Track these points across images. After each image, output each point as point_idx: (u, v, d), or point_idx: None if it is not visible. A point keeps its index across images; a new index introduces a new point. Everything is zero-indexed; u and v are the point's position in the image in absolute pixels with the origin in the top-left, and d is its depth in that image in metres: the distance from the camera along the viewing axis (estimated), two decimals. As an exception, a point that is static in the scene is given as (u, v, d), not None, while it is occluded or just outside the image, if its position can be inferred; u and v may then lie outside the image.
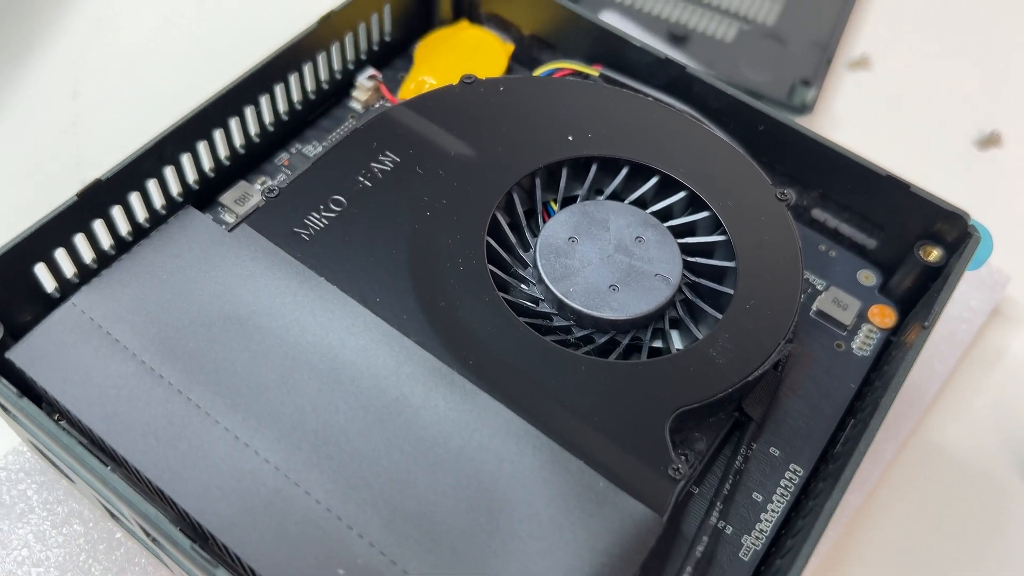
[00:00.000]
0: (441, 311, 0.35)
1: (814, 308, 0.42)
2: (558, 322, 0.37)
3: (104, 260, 0.39)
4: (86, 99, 0.55)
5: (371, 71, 0.48)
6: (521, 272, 0.39)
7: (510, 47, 0.50)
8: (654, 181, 0.40)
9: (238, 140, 0.43)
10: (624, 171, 0.41)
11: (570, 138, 0.41)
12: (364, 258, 0.36)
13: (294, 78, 0.45)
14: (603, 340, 0.37)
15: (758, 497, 0.37)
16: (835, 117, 0.60)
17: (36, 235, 0.36)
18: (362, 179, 0.38)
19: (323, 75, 0.46)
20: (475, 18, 0.51)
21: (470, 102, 0.42)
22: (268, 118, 0.44)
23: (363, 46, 0.48)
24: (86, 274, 0.39)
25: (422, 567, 0.29)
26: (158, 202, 0.41)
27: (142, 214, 0.40)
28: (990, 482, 0.45)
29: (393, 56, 0.50)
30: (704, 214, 0.40)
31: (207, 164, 0.42)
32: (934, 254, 0.41)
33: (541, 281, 0.37)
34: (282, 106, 0.45)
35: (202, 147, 0.42)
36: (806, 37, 0.61)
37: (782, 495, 0.37)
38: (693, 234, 0.40)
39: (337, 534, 0.30)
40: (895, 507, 0.43)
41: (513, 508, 0.31)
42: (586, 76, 0.46)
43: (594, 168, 0.41)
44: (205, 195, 0.43)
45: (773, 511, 0.37)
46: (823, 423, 0.39)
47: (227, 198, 0.43)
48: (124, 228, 0.40)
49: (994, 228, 0.46)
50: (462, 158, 0.39)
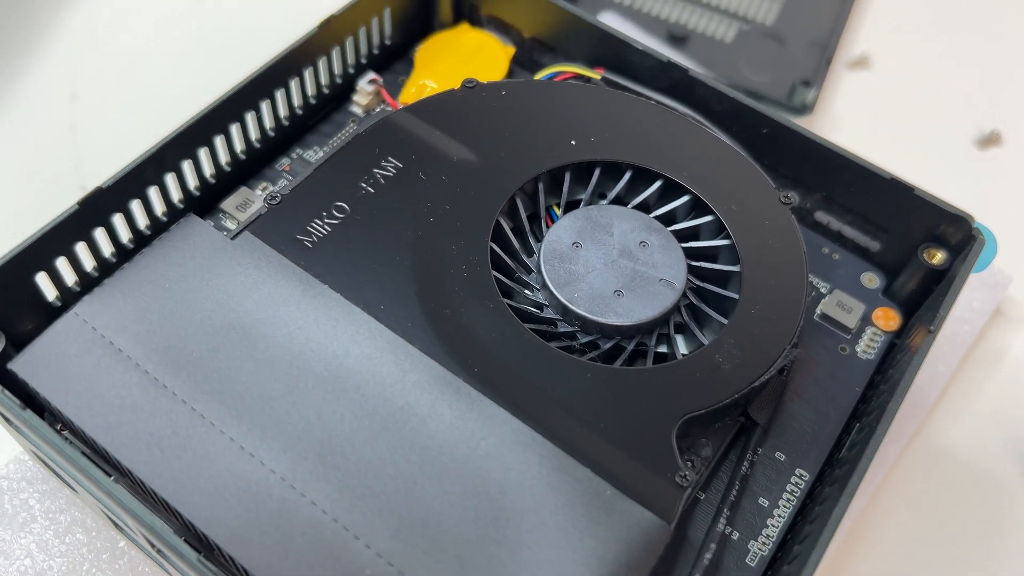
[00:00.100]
0: (446, 318, 0.35)
1: (818, 311, 0.42)
2: (562, 328, 0.37)
3: (106, 268, 0.39)
4: (84, 102, 0.55)
5: (372, 75, 0.48)
6: (525, 278, 0.38)
7: (511, 50, 0.50)
8: (657, 185, 0.40)
9: (239, 145, 0.43)
10: (627, 175, 0.40)
11: (573, 142, 0.40)
12: (368, 265, 0.36)
13: (295, 83, 0.44)
14: (608, 346, 0.36)
15: (764, 502, 0.37)
16: (835, 117, 0.60)
17: (37, 244, 0.36)
18: (365, 185, 0.38)
19: (324, 79, 0.46)
20: (475, 21, 0.51)
21: (472, 106, 0.41)
22: (269, 123, 0.44)
23: (363, 50, 0.48)
24: (87, 282, 0.38)
25: (430, 577, 0.29)
26: (159, 209, 0.41)
27: (143, 221, 0.40)
28: (993, 483, 0.45)
29: (393, 60, 0.50)
30: (708, 218, 0.39)
31: (208, 170, 0.42)
32: (938, 257, 0.41)
33: (545, 287, 0.37)
34: (283, 111, 0.45)
35: (203, 153, 0.41)
36: (805, 37, 0.61)
37: (788, 500, 0.37)
38: (697, 238, 0.40)
39: (344, 544, 0.30)
40: (898, 509, 0.43)
41: (520, 517, 0.31)
42: (588, 80, 0.46)
43: (597, 172, 0.40)
44: (206, 201, 0.43)
45: (779, 516, 0.36)
46: (828, 427, 0.39)
47: (228, 204, 0.43)
48: (125, 236, 0.40)
49: (994, 227, 0.46)
50: (465, 163, 0.39)
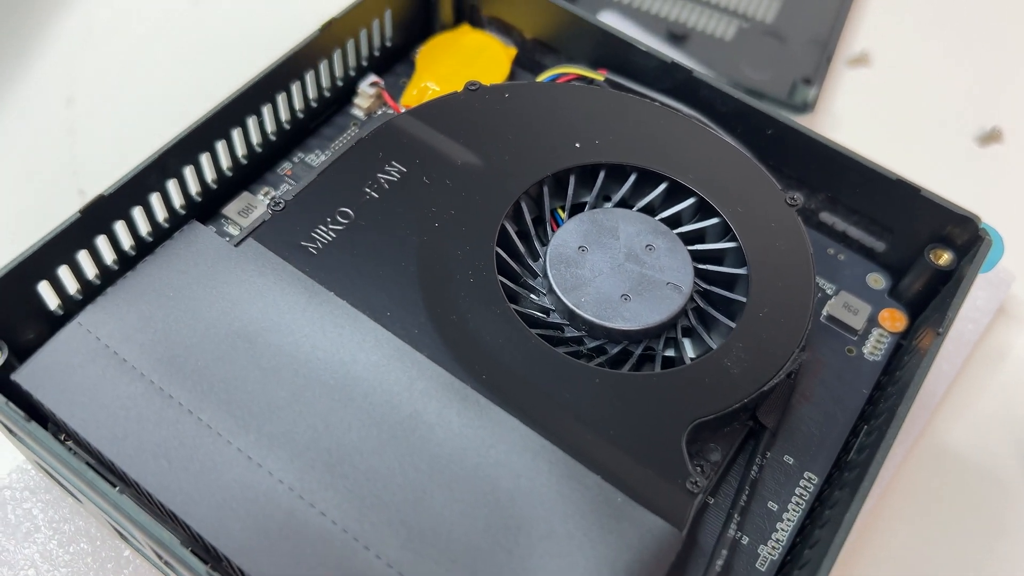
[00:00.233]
0: (452, 324, 0.35)
1: (824, 313, 0.42)
2: (570, 333, 0.37)
3: (108, 276, 0.39)
4: (81, 106, 0.55)
5: (373, 78, 0.47)
6: (531, 282, 0.38)
7: (512, 51, 0.49)
8: (662, 187, 0.40)
9: (240, 150, 0.43)
10: (632, 177, 0.40)
11: (577, 145, 0.40)
12: (373, 271, 0.36)
13: (296, 86, 0.44)
14: (615, 351, 0.36)
15: (773, 506, 0.37)
16: (836, 115, 0.60)
17: (39, 253, 0.35)
18: (369, 190, 0.38)
19: (325, 82, 0.46)
20: (476, 22, 0.51)
21: (475, 109, 0.41)
22: (270, 127, 0.44)
23: (364, 52, 0.47)
24: (90, 291, 0.38)
25: (441, 587, 0.29)
26: (161, 215, 0.40)
27: (145, 228, 0.40)
28: (997, 482, 0.45)
29: (394, 62, 0.50)
30: (713, 220, 0.39)
31: (209, 176, 0.42)
32: (944, 257, 0.41)
33: (552, 292, 0.37)
34: (284, 115, 0.44)
35: (205, 158, 0.41)
36: (805, 34, 0.61)
37: (797, 504, 0.37)
38: (703, 241, 0.40)
39: (354, 555, 0.29)
40: (905, 509, 0.43)
41: (531, 525, 0.30)
42: (591, 81, 0.45)
43: (602, 175, 0.40)
44: (208, 207, 0.42)
45: (788, 520, 0.36)
46: (836, 429, 0.39)
47: (230, 210, 0.43)
48: (127, 243, 0.39)
49: (996, 224, 0.46)
50: (469, 167, 0.39)
